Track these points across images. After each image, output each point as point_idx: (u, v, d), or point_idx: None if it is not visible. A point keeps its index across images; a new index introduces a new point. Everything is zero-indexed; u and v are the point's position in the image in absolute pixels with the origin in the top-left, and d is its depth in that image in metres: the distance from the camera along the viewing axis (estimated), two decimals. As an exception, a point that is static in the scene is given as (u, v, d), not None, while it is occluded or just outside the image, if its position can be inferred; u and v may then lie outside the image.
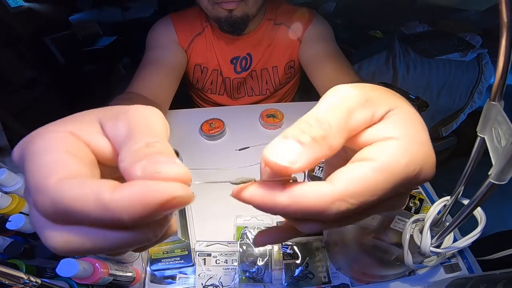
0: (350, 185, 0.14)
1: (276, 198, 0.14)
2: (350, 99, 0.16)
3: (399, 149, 0.14)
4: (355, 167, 0.14)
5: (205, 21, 0.72)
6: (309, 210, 0.14)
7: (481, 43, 1.11)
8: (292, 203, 0.14)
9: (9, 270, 0.26)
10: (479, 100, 1.17)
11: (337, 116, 0.15)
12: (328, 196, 0.14)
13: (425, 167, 0.15)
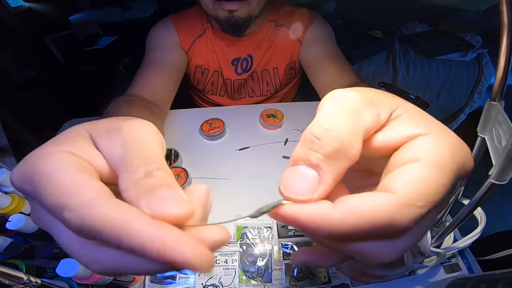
0: (412, 188, 0.12)
1: (327, 211, 0.12)
2: (353, 101, 0.14)
3: (436, 143, 0.14)
4: (406, 171, 0.13)
5: (206, 22, 0.72)
6: (373, 222, 0.12)
7: (481, 43, 1.11)
8: (349, 214, 0.12)
9: (9, 270, 0.26)
10: (479, 100, 1.17)
11: (346, 119, 0.14)
12: (393, 202, 0.12)
13: (466, 157, 0.14)
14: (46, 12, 1.54)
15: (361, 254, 0.13)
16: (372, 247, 0.13)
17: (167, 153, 0.61)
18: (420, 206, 0.12)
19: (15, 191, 0.47)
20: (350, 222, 0.12)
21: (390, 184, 0.13)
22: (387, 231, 0.12)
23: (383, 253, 0.13)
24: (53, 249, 0.35)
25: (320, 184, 0.13)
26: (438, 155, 0.13)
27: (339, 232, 0.12)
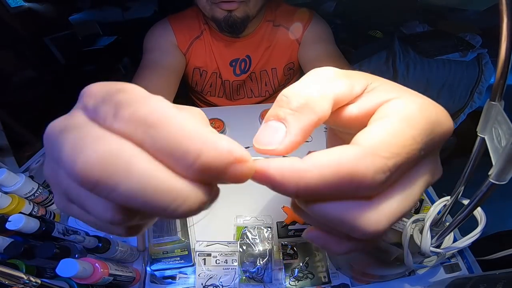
0: (376, 138, 0.13)
1: (293, 163, 0.13)
2: (326, 73, 0.16)
3: (407, 103, 0.14)
4: (373, 126, 0.13)
5: (203, 23, 0.71)
6: (337, 172, 0.12)
7: (481, 43, 1.11)
8: (313, 166, 0.12)
9: (9, 270, 0.26)
10: (479, 100, 1.17)
11: (315, 83, 0.15)
12: (356, 152, 0.12)
13: (440, 115, 0.14)
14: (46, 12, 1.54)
15: (339, 218, 0.13)
16: (347, 209, 0.13)
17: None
18: (385, 157, 0.12)
19: (15, 191, 0.47)
20: (314, 173, 0.12)
21: (356, 139, 0.13)
22: (353, 183, 0.12)
23: (361, 216, 0.13)
24: (53, 249, 0.35)
25: (287, 135, 0.14)
26: (405, 109, 0.14)
27: (305, 184, 0.12)
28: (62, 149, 0.11)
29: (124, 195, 0.10)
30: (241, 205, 0.53)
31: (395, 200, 0.14)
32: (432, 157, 0.15)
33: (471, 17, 1.26)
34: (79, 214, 0.14)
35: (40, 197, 0.52)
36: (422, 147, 0.13)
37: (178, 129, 0.11)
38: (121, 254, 0.42)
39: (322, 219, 0.14)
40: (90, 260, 0.35)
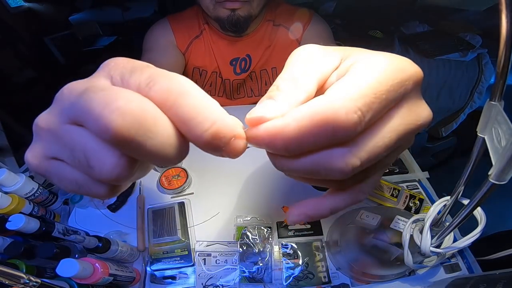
0: (344, 86, 0.14)
1: (276, 121, 0.14)
2: (309, 53, 0.17)
3: (370, 58, 0.15)
4: (341, 79, 0.15)
5: (203, 23, 0.72)
6: (313, 119, 0.13)
7: (481, 43, 1.11)
8: (292, 118, 0.14)
9: (9, 270, 0.26)
10: (479, 100, 1.17)
11: (301, 65, 0.16)
12: (328, 99, 0.14)
13: (403, 62, 0.16)
14: (46, 12, 1.54)
15: (322, 166, 0.15)
16: (329, 156, 0.14)
17: (167, 153, 0.61)
18: (354, 99, 0.13)
19: (15, 191, 0.47)
20: (293, 124, 0.13)
21: (327, 91, 0.15)
22: (329, 126, 0.13)
23: (343, 159, 0.14)
24: (53, 249, 0.35)
25: (275, 106, 0.15)
26: (369, 62, 0.15)
27: (288, 135, 0.14)
28: (91, 103, 0.12)
29: (147, 150, 0.12)
30: (241, 205, 0.53)
31: (369, 137, 0.15)
32: (408, 102, 0.16)
33: (471, 17, 1.26)
34: (56, 169, 0.15)
35: (40, 197, 0.52)
36: (391, 89, 0.14)
37: (201, 101, 0.13)
38: (121, 254, 0.42)
39: (310, 170, 0.15)
40: (90, 260, 0.35)
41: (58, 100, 0.15)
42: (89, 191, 0.15)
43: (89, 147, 0.13)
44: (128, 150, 0.13)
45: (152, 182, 0.57)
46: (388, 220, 0.38)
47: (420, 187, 0.55)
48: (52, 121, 0.14)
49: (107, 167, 0.13)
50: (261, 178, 0.58)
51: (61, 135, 0.14)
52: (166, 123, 0.13)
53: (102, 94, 0.12)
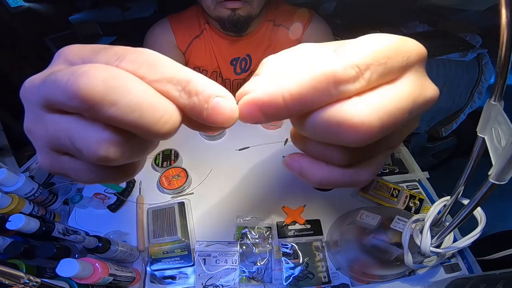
0: (344, 49, 0.14)
1: (275, 83, 0.14)
2: (305, 46, 0.17)
3: (372, 34, 0.15)
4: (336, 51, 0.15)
5: (203, 22, 0.72)
6: (313, 75, 0.13)
7: (481, 43, 1.11)
8: (291, 76, 0.13)
9: (9, 270, 0.26)
10: (479, 100, 1.17)
11: (292, 51, 0.16)
12: (328, 57, 0.14)
13: (404, 39, 0.16)
14: (46, 12, 1.54)
15: (331, 120, 0.14)
16: (336, 109, 0.14)
17: (167, 153, 0.61)
18: (351, 57, 0.13)
19: (15, 191, 0.47)
20: (294, 81, 0.13)
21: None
22: (328, 80, 0.13)
23: (351, 110, 0.13)
24: (53, 249, 0.35)
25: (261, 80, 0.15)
26: (371, 36, 0.15)
27: (289, 93, 0.13)
28: (56, 78, 0.12)
29: (121, 110, 0.12)
30: (241, 205, 0.53)
31: (379, 93, 0.14)
32: (414, 72, 0.16)
33: (471, 17, 1.26)
34: (68, 164, 0.15)
35: (40, 197, 0.52)
36: (390, 54, 0.14)
37: (175, 66, 0.13)
38: (121, 254, 0.42)
39: (318, 130, 0.15)
40: (90, 260, 0.35)
41: (23, 97, 0.14)
42: (107, 177, 0.15)
43: (71, 129, 0.13)
44: (102, 114, 0.12)
45: (152, 182, 0.57)
46: (388, 220, 0.38)
47: (420, 187, 0.55)
48: (32, 118, 0.14)
49: (92, 145, 0.13)
50: (261, 178, 0.58)
51: (45, 125, 0.14)
52: (139, 82, 0.13)
53: (66, 70, 0.12)
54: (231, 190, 0.56)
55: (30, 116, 0.14)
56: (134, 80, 0.12)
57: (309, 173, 0.17)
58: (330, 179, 0.17)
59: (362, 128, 0.13)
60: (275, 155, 0.61)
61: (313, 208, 0.52)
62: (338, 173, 0.17)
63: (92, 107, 0.12)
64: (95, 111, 0.12)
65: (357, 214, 0.41)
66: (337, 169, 0.17)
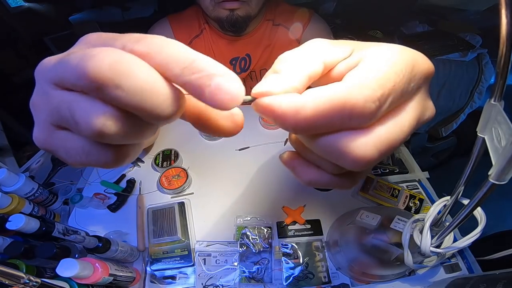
0: (364, 74, 0.14)
1: (292, 97, 0.14)
2: (319, 43, 0.18)
3: (385, 48, 0.16)
4: (358, 67, 0.15)
5: (203, 22, 0.72)
6: (330, 102, 0.14)
7: (481, 43, 1.11)
8: (311, 97, 0.14)
9: (9, 270, 0.26)
10: (479, 100, 1.17)
11: (309, 48, 0.17)
12: (346, 85, 0.14)
13: (417, 56, 0.16)
14: (46, 12, 1.54)
15: (335, 147, 0.15)
16: (341, 137, 0.15)
17: (167, 153, 0.61)
18: (373, 88, 0.14)
19: (15, 191, 0.47)
20: (311, 105, 0.14)
21: (345, 77, 0.15)
22: (345, 112, 0.14)
23: (352, 142, 0.14)
24: (53, 249, 0.35)
25: (280, 80, 0.15)
26: (385, 52, 0.15)
27: (303, 117, 0.14)
28: (70, 59, 0.13)
29: (126, 92, 0.12)
30: (241, 205, 0.53)
31: (385, 127, 0.15)
32: (420, 95, 0.17)
33: (471, 17, 1.26)
34: (61, 140, 0.15)
35: (40, 197, 0.52)
36: (406, 81, 0.15)
37: (184, 47, 0.14)
38: (121, 254, 0.42)
39: (320, 150, 0.16)
40: (90, 260, 0.35)
41: (38, 72, 0.16)
42: (97, 158, 0.15)
43: (73, 102, 0.13)
44: (107, 95, 0.12)
45: (152, 182, 0.57)
46: (388, 220, 0.38)
47: (420, 187, 0.55)
48: (40, 93, 0.15)
49: (90, 117, 0.13)
50: (261, 178, 0.58)
51: (50, 99, 0.14)
52: (144, 66, 0.13)
53: (80, 53, 0.13)
54: (231, 190, 0.56)
55: (38, 90, 0.15)
56: (140, 64, 0.13)
57: (301, 172, 0.19)
58: (319, 182, 0.19)
59: (362, 161, 0.15)
60: (275, 155, 0.61)
61: (313, 208, 0.52)
62: (327, 178, 0.18)
63: (99, 88, 0.12)
64: (101, 91, 0.12)
65: (357, 214, 0.41)
66: (327, 175, 0.18)
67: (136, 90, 0.12)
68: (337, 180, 0.18)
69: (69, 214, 0.53)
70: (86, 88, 0.13)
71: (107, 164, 0.15)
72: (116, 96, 0.12)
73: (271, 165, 0.60)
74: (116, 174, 0.59)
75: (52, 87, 0.14)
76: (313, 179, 0.19)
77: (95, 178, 0.59)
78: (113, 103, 0.13)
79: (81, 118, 0.13)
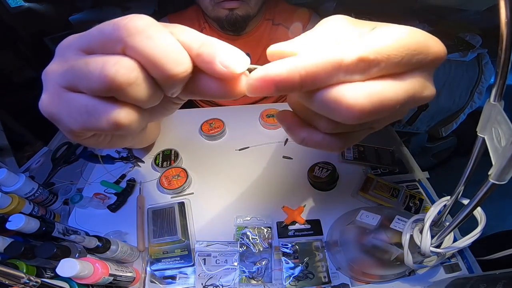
0: (365, 40, 0.15)
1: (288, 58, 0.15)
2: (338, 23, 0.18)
3: (398, 26, 0.16)
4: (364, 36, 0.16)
5: (203, 22, 0.72)
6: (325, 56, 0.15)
7: (481, 43, 1.11)
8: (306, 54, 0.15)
9: (9, 270, 0.26)
10: (479, 100, 1.17)
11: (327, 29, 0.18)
12: (348, 44, 0.15)
13: (430, 39, 0.17)
14: (46, 12, 1.54)
15: (331, 97, 0.15)
16: (338, 89, 0.15)
17: (167, 153, 0.61)
18: (366, 50, 0.15)
19: (15, 191, 0.47)
20: (311, 61, 0.15)
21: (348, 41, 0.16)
22: (339, 65, 0.15)
23: (350, 93, 0.15)
24: (53, 249, 0.35)
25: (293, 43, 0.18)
26: (395, 29, 0.16)
27: (306, 72, 0.15)
28: (105, 25, 0.15)
29: (158, 41, 0.15)
30: (241, 205, 0.53)
31: (380, 83, 0.16)
32: (422, 73, 0.17)
33: (471, 17, 1.26)
34: (67, 101, 0.16)
35: (40, 197, 0.52)
36: (406, 55, 0.15)
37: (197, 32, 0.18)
38: (121, 254, 0.42)
39: (318, 104, 0.16)
40: (90, 260, 0.35)
41: (63, 45, 0.17)
42: (99, 115, 0.16)
43: (93, 58, 0.15)
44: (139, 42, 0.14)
45: (152, 182, 0.57)
46: (388, 220, 0.38)
47: (420, 187, 0.55)
48: (60, 60, 0.17)
49: (106, 65, 0.14)
50: (261, 178, 0.58)
51: (67, 61, 0.16)
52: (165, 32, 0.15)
53: (114, 20, 0.16)
54: (231, 190, 0.56)
55: (58, 58, 0.17)
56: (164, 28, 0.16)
57: (295, 131, 0.20)
58: (311, 140, 0.20)
59: (354, 109, 0.15)
60: (275, 155, 0.61)
61: (313, 208, 0.52)
62: (319, 137, 0.19)
63: (130, 37, 0.14)
64: (132, 38, 0.14)
65: (357, 214, 0.41)
66: (319, 134, 0.19)
67: (162, 45, 0.14)
68: (329, 139, 0.19)
69: (69, 214, 0.53)
70: (116, 39, 0.14)
71: (108, 123, 0.16)
72: (147, 45, 0.14)
73: (271, 165, 0.60)
74: (116, 174, 0.59)
75: (77, 53, 0.16)
76: (306, 137, 0.20)
77: (95, 178, 0.59)
78: (138, 55, 0.15)
79: (96, 67, 0.14)
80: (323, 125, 0.19)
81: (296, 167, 0.58)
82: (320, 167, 0.54)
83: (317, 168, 0.54)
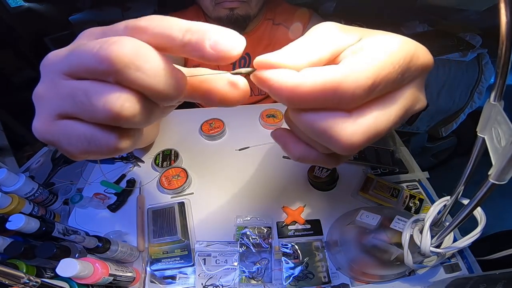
0: (361, 62, 0.15)
1: (290, 72, 0.15)
2: (328, 29, 0.18)
3: (387, 38, 0.17)
4: (359, 53, 0.16)
5: (203, 21, 0.72)
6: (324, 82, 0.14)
7: (481, 43, 1.11)
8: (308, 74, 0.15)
9: (9, 270, 0.26)
10: (479, 100, 1.17)
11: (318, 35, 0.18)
12: (341, 69, 0.15)
13: (419, 49, 0.17)
14: (46, 12, 1.54)
15: (321, 126, 0.16)
16: (328, 117, 0.16)
17: (167, 153, 0.61)
18: (366, 77, 0.15)
19: (15, 191, 0.47)
20: (307, 84, 0.15)
21: (344, 61, 0.16)
22: (336, 95, 0.15)
23: (339, 125, 0.15)
24: (53, 249, 0.35)
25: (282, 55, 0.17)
26: (386, 42, 0.16)
27: (299, 92, 0.15)
28: (87, 48, 0.14)
29: (145, 74, 0.13)
30: (241, 205, 0.53)
31: (373, 115, 0.16)
32: (413, 86, 0.18)
33: (471, 17, 1.26)
34: (64, 128, 0.15)
35: (40, 197, 0.52)
36: (400, 73, 0.16)
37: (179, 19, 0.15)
38: (121, 254, 0.42)
39: (307, 126, 0.17)
40: (90, 260, 0.35)
41: (45, 65, 0.16)
42: (100, 143, 0.15)
43: (90, 87, 0.14)
44: (127, 77, 0.13)
45: (152, 182, 0.57)
46: (388, 220, 0.38)
47: (420, 187, 0.55)
48: (48, 84, 0.16)
49: (110, 98, 0.14)
50: (261, 178, 0.58)
51: (61, 89, 0.15)
52: (157, 53, 0.14)
53: (96, 41, 0.14)
54: (231, 190, 0.56)
55: (45, 82, 0.16)
56: (154, 51, 0.14)
57: (291, 149, 0.20)
58: (306, 158, 0.20)
59: (349, 147, 0.16)
60: (275, 155, 0.61)
61: (313, 208, 0.52)
62: (314, 155, 0.20)
63: (119, 71, 0.13)
64: (121, 74, 0.13)
65: (357, 214, 0.41)
66: (315, 151, 0.20)
67: (154, 72, 0.14)
68: (324, 157, 0.20)
69: (69, 214, 0.53)
70: (105, 72, 0.13)
71: (109, 150, 0.16)
72: (136, 77, 0.13)
73: (271, 165, 0.60)
74: (116, 174, 0.59)
75: (62, 77, 0.15)
76: (301, 155, 0.20)
77: (95, 178, 0.59)
78: (131, 86, 0.14)
79: (99, 101, 0.14)
80: (318, 146, 0.19)
81: (296, 167, 0.58)
82: (320, 167, 0.54)
83: (317, 168, 0.54)
